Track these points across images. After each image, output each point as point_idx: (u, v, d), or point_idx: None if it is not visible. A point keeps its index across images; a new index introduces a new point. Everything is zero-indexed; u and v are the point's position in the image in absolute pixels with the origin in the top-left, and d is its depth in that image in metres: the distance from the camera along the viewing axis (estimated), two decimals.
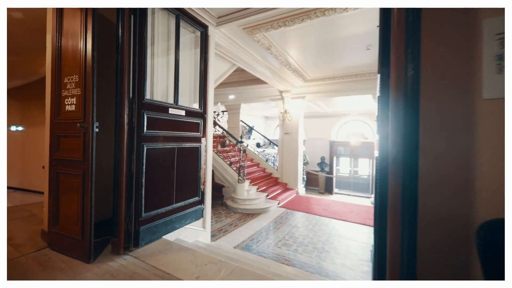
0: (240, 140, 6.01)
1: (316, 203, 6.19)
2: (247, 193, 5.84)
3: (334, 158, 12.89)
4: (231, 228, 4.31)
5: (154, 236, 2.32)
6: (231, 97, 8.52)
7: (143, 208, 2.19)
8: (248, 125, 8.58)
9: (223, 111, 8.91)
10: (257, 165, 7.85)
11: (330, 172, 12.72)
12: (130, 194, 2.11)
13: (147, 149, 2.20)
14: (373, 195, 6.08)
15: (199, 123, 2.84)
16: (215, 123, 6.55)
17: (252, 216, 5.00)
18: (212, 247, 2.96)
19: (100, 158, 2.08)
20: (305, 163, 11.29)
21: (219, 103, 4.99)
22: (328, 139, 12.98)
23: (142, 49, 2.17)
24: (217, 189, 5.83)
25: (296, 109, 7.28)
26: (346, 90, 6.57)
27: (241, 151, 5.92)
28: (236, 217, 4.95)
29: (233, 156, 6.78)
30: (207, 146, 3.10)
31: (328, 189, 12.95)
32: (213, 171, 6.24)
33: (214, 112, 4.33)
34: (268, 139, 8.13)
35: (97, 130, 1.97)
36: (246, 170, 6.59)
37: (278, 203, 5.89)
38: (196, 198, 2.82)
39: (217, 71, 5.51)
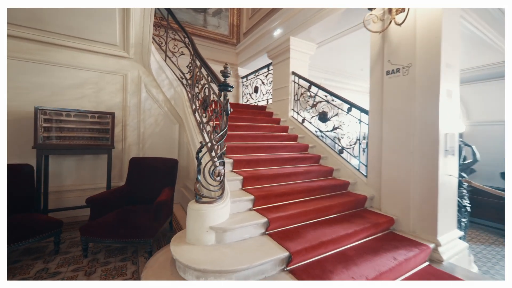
0: (223, 82, 2.06)
1: None
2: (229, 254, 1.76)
3: None
4: None
5: None
6: (278, 32, 4.53)
7: None
8: (306, 80, 4.20)
9: (267, 66, 5.01)
10: (316, 159, 3.40)
11: None
12: None
13: None
14: None
15: None
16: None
17: None
18: None
19: None
20: (468, 164, 4.49)
21: None
22: None
23: None
24: (143, 214, 2.13)
25: None
26: None
27: (223, 114, 1.96)
28: None
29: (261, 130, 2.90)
30: None
31: None
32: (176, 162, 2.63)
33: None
34: (350, 103, 3.38)
35: None
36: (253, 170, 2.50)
37: None
38: None
39: None
